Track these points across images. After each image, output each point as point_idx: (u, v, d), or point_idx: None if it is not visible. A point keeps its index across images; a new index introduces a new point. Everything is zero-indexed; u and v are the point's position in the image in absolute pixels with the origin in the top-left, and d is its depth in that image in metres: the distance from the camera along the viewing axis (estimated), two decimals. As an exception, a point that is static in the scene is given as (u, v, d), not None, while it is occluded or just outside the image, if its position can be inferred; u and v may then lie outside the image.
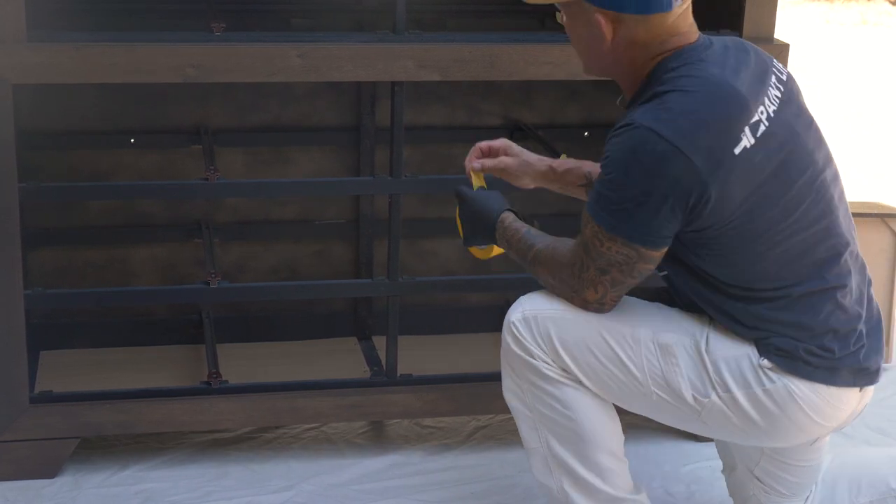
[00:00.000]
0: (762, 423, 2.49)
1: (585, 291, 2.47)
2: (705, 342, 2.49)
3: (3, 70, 2.88)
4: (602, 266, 2.42)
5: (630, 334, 2.50)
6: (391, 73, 3.01)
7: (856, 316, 2.50)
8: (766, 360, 2.46)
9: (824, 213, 2.47)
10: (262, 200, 3.61)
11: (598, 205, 2.39)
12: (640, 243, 2.38)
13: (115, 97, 3.43)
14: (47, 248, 3.52)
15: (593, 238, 2.41)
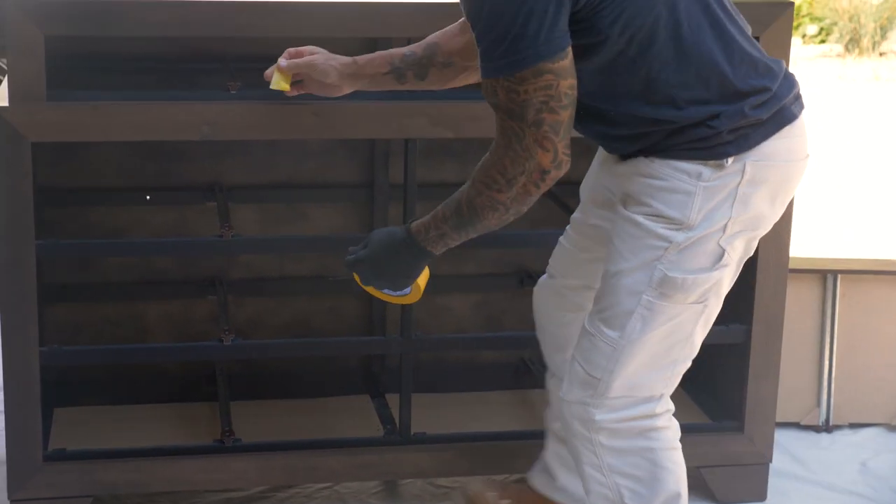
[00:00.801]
0: (766, 206, 2.50)
1: (538, 159, 2.33)
2: (669, 229, 2.44)
3: (23, 128, 2.90)
4: (533, 118, 2.31)
5: (647, 311, 2.49)
6: (405, 130, 3.02)
7: (753, 48, 2.48)
8: (727, 160, 2.42)
9: None
10: (277, 256, 3.62)
11: (490, 62, 2.31)
12: (546, 58, 2.28)
13: (132, 154, 3.45)
14: (63, 304, 3.53)
15: (507, 96, 2.31)
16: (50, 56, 2.95)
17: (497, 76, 2.31)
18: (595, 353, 2.56)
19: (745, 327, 3.38)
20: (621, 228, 2.53)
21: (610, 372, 2.55)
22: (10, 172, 2.93)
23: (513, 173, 2.36)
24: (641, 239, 2.49)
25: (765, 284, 3.33)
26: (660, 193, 2.46)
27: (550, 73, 2.29)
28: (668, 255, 2.47)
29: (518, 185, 2.37)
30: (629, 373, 2.55)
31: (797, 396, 3.81)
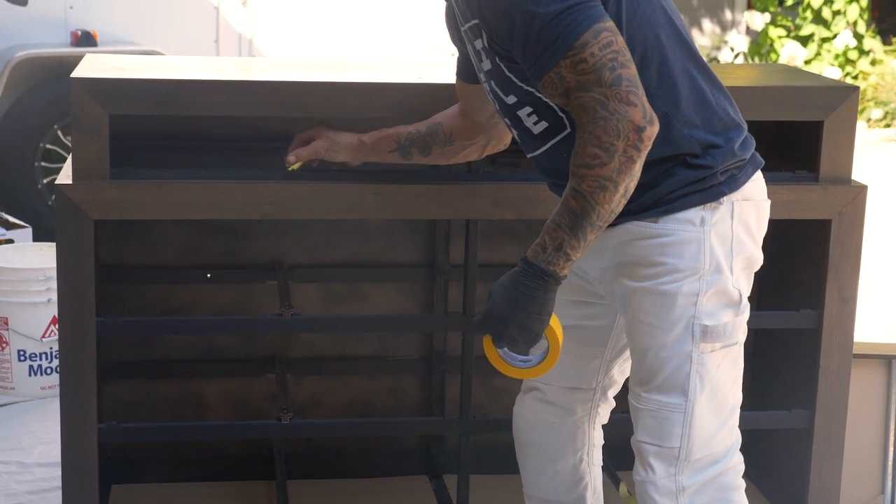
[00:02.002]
0: (755, 243, 2.56)
1: (631, 117, 2.29)
2: (693, 275, 2.47)
3: (86, 206, 2.93)
4: (610, 77, 2.30)
5: (699, 364, 2.50)
6: (466, 211, 3.02)
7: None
8: (722, 199, 2.47)
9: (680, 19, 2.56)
10: (337, 336, 3.62)
11: (544, 52, 2.33)
12: (597, 20, 2.32)
13: (193, 233, 3.47)
14: (122, 381, 3.54)
15: (576, 70, 2.32)
16: (113, 134, 2.98)
17: (558, 59, 2.32)
18: (665, 425, 2.54)
19: (808, 412, 3.33)
20: (642, 301, 2.50)
21: (688, 437, 2.54)
22: (72, 249, 2.95)
23: (609, 141, 2.30)
24: (671, 306, 2.48)
25: (828, 369, 3.29)
26: (670, 249, 2.47)
27: (606, 30, 2.32)
28: (700, 307, 2.48)
29: (618, 152, 2.31)
30: (703, 432, 2.55)
31: (861, 483, 3.74)
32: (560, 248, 2.36)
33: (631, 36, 2.41)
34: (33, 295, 4.48)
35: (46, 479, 3.80)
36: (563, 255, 2.36)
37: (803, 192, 3.22)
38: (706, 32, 12.89)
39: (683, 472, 2.55)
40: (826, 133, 3.22)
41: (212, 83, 3.05)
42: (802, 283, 3.41)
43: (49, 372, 4.51)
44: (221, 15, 6.79)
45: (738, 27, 12.78)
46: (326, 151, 2.94)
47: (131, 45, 6.48)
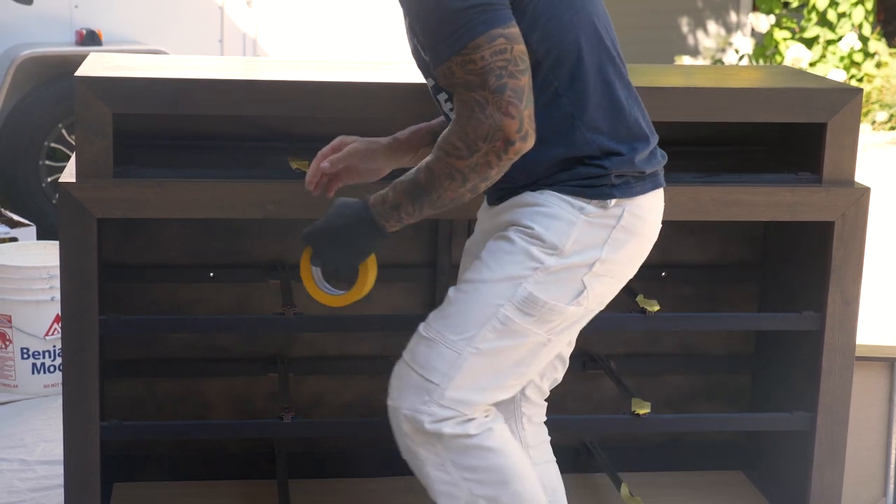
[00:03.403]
0: (631, 258, 2.57)
1: (504, 127, 2.33)
2: (543, 252, 2.48)
3: (89, 204, 2.94)
4: (495, 84, 2.33)
5: (500, 324, 2.48)
6: (468, 211, 3.02)
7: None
8: (611, 200, 2.50)
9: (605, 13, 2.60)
10: (339, 335, 3.62)
11: (441, 44, 2.35)
12: (496, 25, 2.34)
13: (196, 231, 3.48)
14: (125, 380, 3.54)
15: (464, 69, 2.34)
16: (117, 133, 2.99)
17: (451, 55, 2.35)
18: (436, 357, 2.52)
19: (810, 415, 3.33)
20: (493, 244, 2.54)
21: (450, 378, 2.51)
22: (76, 248, 2.96)
23: (474, 140, 2.36)
24: (513, 255, 2.50)
25: (830, 371, 3.29)
26: (542, 218, 2.50)
27: (503, 37, 2.34)
28: (536, 276, 2.49)
29: (480, 153, 2.36)
30: (465, 384, 2.52)
31: (863, 486, 3.73)
32: (396, 209, 2.48)
33: (546, 35, 2.44)
34: (37, 293, 4.49)
35: (49, 476, 3.81)
36: (396, 216, 2.49)
37: (806, 194, 3.22)
38: (711, 34, 12.88)
39: (430, 416, 2.52)
40: (829, 135, 3.22)
41: (216, 82, 3.05)
42: (805, 284, 3.41)
43: (52, 370, 4.51)
44: (226, 15, 6.79)
45: (742, 29, 12.77)
46: (365, 150, 2.77)
47: (136, 44, 6.48)
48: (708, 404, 3.75)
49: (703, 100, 3.21)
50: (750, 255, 3.69)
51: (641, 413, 3.27)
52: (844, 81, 3.45)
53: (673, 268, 3.65)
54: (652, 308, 3.28)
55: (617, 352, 3.63)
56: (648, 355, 3.70)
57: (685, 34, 12.92)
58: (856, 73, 11.11)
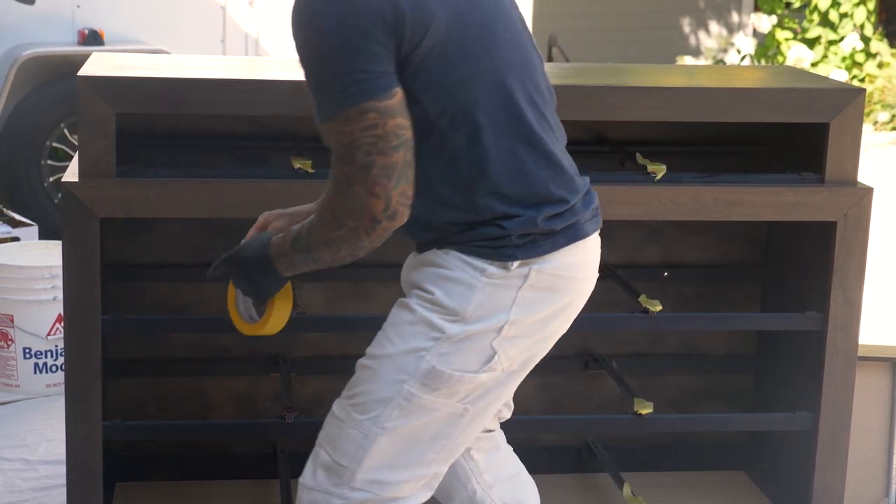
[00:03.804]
0: (549, 317, 2.42)
1: (369, 205, 2.25)
2: (445, 320, 2.36)
3: (92, 204, 2.94)
4: (362, 160, 2.23)
5: (405, 401, 2.36)
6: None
7: (565, 155, 2.47)
8: (512, 263, 2.36)
9: (519, 44, 2.41)
10: (341, 335, 3.62)
11: (319, 105, 2.26)
12: (369, 97, 2.22)
13: (199, 231, 3.48)
14: (127, 379, 3.54)
15: (336, 138, 2.25)
16: (120, 133, 2.99)
17: (323, 120, 2.27)
18: (344, 439, 2.43)
19: (812, 415, 3.33)
20: (395, 313, 2.44)
21: (358, 461, 2.41)
22: (78, 247, 2.96)
23: (342, 214, 2.29)
24: (413, 325, 2.39)
25: (833, 372, 3.29)
26: (443, 282, 2.38)
27: (375, 111, 2.23)
28: (440, 347, 2.36)
29: (347, 227, 2.29)
30: (376, 465, 2.41)
31: (865, 486, 3.73)
32: (285, 257, 2.41)
33: (440, 96, 2.31)
34: (39, 293, 4.49)
35: (51, 476, 3.81)
36: (286, 262, 2.42)
37: (809, 194, 3.22)
38: (713, 35, 12.89)
39: (341, 498, 2.43)
40: (832, 135, 3.22)
41: (218, 82, 3.05)
42: (807, 285, 3.41)
43: (54, 370, 4.51)
44: (228, 14, 6.80)
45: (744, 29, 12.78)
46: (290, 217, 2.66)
47: (138, 44, 6.48)
48: (710, 404, 3.75)
49: (705, 100, 3.21)
50: (752, 256, 3.69)
51: (643, 413, 3.27)
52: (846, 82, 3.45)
53: (675, 268, 3.65)
54: (654, 308, 3.28)
55: (619, 352, 3.62)
56: (651, 355, 3.70)
57: (687, 34, 12.92)
58: (857, 74, 11.11)
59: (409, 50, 2.27)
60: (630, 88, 3.22)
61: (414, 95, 2.31)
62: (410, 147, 2.29)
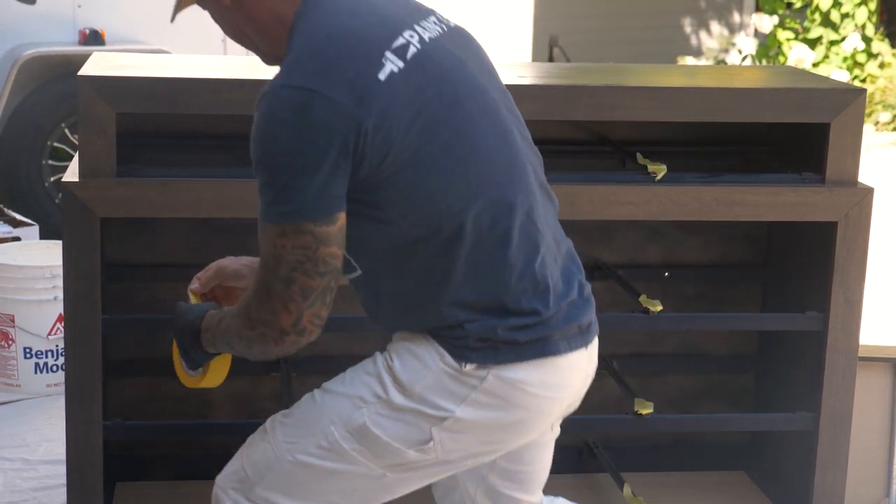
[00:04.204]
0: (500, 425, 2.30)
1: (279, 318, 2.21)
2: (393, 385, 2.30)
3: (92, 204, 2.94)
4: (285, 275, 2.18)
5: (326, 442, 2.31)
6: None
7: (553, 264, 2.33)
8: (467, 364, 2.27)
9: (505, 144, 2.30)
10: (342, 335, 3.62)
11: (265, 203, 2.19)
12: (310, 218, 2.15)
13: (199, 231, 3.48)
14: (128, 379, 3.54)
15: (268, 246, 2.19)
16: (120, 133, 2.99)
17: (264, 222, 2.21)
18: (258, 451, 2.41)
19: (813, 415, 3.33)
20: (364, 361, 2.41)
21: (261, 477, 2.38)
22: (79, 247, 2.96)
23: (256, 317, 2.26)
24: (368, 376, 2.35)
25: (834, 372, 3.29)
26: (406, 354, 2.32)
27: (311, 235, 2.17)
28: (378, 407, 2.31)
29: (258, 331, 2.26)
30: (276, 487, 2.37)
31: (866, 486, 3.73)
32: (211, 334, 2.41)
33: (409, 208, 2.23)
34: (39, 292, 4.49)
35: (51, 476, 3.81)
36: (210, 338, 2.42)
37: (809, 194, 3.22)
38: (714, 35, 12.89)
39: (238, 496, 2.41)
40: (833, 135, 3.22)
41: (219, 82, 3.05)
42: (808, 285, 3.41)
43: (55, 369, 4.51)
44: (229, 14, 6.79)
45: (746, 29, 12.77)
46: (231, 265, 2.67)
47: (139, 44, 6.48)
48: (711, 404, 3.75)
49: (706, 100, 3.20)
50: (753, 256, 3.69)
51: (644, 413, 3.27)
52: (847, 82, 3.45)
53: (676, 268, 3.65)
54: (655, 308, 3.28)
55: (620, 352, 3.62)
56: (651, 355, 3.70)
57: (688, 35, 12.92)
58: (859, 74, 11.11)
59: (371, 168, 2.19)
60: (631, 88, 3.22)
61: (381, 207, 2.24)
62: (336, 274, 2.24)
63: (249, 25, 2.31)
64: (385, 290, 2.36)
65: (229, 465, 2.46)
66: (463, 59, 2.32)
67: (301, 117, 2.14)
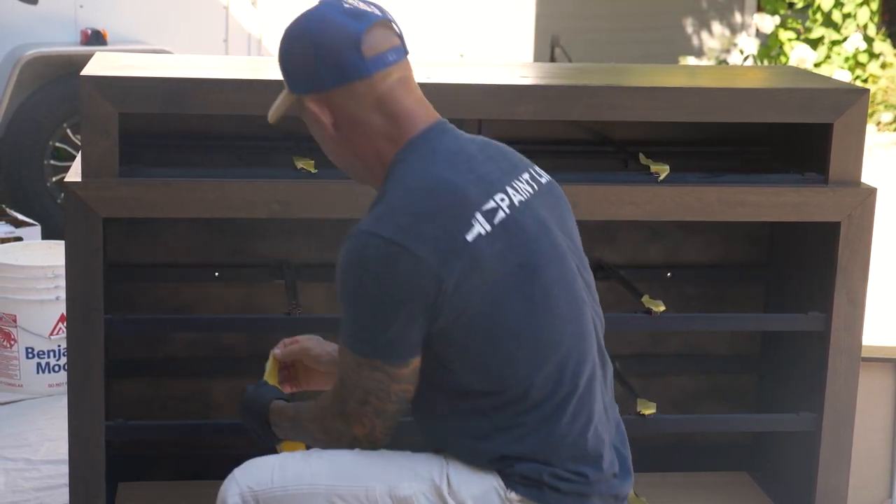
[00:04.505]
0: None
1: (352, 429, 2.35)
2: (446, 484, 2.35)
3: (95, 204, 2.94)
4: (360, 397, 2.31)
5: (364, 496, 2.35)
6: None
7: (605, 434, 2.40)
8: (512, 492, 2.33)
9: (576, 315, 2.37)
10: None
11: (345, 331, 2.32)
12: (384, 359, 2.27)
13: (202, 231, 3.48)
14: (130, 379, 3.54)
15: (346, 368, 2.32)
16: (123, 133, 2.99)
17: (347, 347, 2.32)
18: (294, 470, 2.41)
19: (815, 415, 3.33)
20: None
21: (284, 491, 2.40)
22: (81, 247, 2.96)
23: (330, 426, 2.38)
24: (427, 456, 2.40)
25: (836, 372, 3.29)
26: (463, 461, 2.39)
27: (384, 373, 2.29)
28: (428, 489, 2.36)
29: (331, 435, 2.39)
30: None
31: (868, 487, 3.73)
32: (281, 421, 2.53)
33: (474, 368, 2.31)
34: (41, 292, 4.49)
35: (53, 476, 3.81)
36: (281, 430, 2.53)
37: (812, 195, 3.22)
38: (715, 35, 12.88)
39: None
40: (836, 135, 3.22)
41: (221, 82, 3.05)
42: (811, 285, 3.41)
43: (57, 369, 4.51)
44: (231, 14, 6.80)
45: (747, 30, 12.77)
46: (315, 349, 2.75)
47: (141, 44, 6.48)
48: (713, 405, 3.74)
49: (708, 100, 3.20)
50: (755, 256, 3.69)
51: (646, 413, 3.27)
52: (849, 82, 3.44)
53: (678, 268, 3.65)
54: (657, 308, 3.28)
55: (622, 352, 3.62)
56: (653, 356, 3.70)
57: (689, 35, 12.92)
58: (861, 74, 11.11)
59: (446, 323, 2.28)
60: (633, 89, 3.22)
61: (450, 359, 2.32)
62: (406, 404, 2.34)
63: (351, 155, 2.41)
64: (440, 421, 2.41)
65: (258, 465, 2.45)
66: (548, 222, 2.38)
67: (386, 269, 2.24)
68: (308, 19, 2.38)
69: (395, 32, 2.38)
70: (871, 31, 11.21)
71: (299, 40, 2.37)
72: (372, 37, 2.33)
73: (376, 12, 2.36)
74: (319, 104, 2.36)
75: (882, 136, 10.56)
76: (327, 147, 2.43)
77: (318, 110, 2.36)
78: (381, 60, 2.33)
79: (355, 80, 2.33)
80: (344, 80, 2.33)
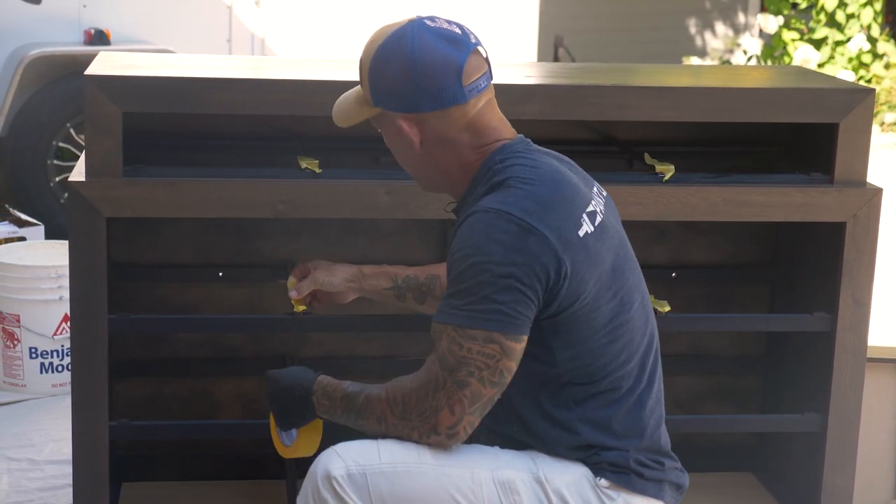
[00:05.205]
0: None
1: (439, 416, 2.35)
2: (542, 472, 2.44)
3: (98, 203, 2.93)
4: (461, 378, 2.33)
5: (470, 478, 2.40)
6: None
7: (666, 433, 2.59)
8: (602, 479, 2.44)
9: (646, 318, 2.53)
10: (348, 335, 3.62)
11: (452, 305, 2.35)
12: (502, 331, 2.32)
13: (206, 231, 3.47)
14: (134, 379, 3.53)
15: (450, 345, 2.34)
16: (126, 132, 2.98)
17: (451, 323, 2.34)
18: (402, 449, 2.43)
19: (821, 416, 3.32)
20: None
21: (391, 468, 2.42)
22: (84, 247, 2.96)
23: (412, 408, 2.39)
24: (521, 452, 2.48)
25: (842, 373, 3.28)
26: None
27: (500, 345, 2.33)
28: (528, 476, 2.44)
29: (407, 423, 2.39)
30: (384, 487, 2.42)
31: (874, 487, 3.72)
32: (328, 407, 2.52)
33: (571, 356, 2.42)
34: (45, 292, 4.48)
35: (57, 476, 3.81)
36: (326, 410, 2.53)
37: (818, 195, 3.21)
38: (719, 35, 12.88)
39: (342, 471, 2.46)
40: (841, 135, 3.21)
41: (225, 81, 3.05)
42: (816, 285, 3.40)
43: (60, 369, 4.51)
44: (234, 14, 6.80)
45: (751, 30, 12.76)
46: (326, 276, 2.93)
47: (144, 43, 6.48)
48: (718, 405, 3.74)
49: (713, 100, 3.20)
50: (761, 256, 3.68)
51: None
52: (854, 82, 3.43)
53: (683, 268, 3.64)
54: (662, 309, 3.27)
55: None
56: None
57: (693, 35, 12.91)
58: (864, 75, 11.10)
59: (556, 310, 2.37)
60: (638, 88, 3.21)
61: (551, 349, 2.41)
62: (503, 389, 2.38)
63: (433, 167, 2.51)
64: (525, 413, 2.48)
65: (356, 444, 2.45)
66: (621, 231, 2.57)
67: (518, 242, 2.32)
68: (407, 40, 2.41)
69: (483, 58, 2.47)
70: (874, 31, 11.20)
71: (398, 62, 2.41)
72: (469, 65, 2.42)
73: (471, 40, 2.45)
74: (409, 122, 2.44)
75: (886, 136, 10.56)
76: (405, 158, 2.51)
77: (408, 128, 2.44)
78: (476, 87, 2.44)
79: (451, 107, 2.41)
80: (441, 107, 2.42)
